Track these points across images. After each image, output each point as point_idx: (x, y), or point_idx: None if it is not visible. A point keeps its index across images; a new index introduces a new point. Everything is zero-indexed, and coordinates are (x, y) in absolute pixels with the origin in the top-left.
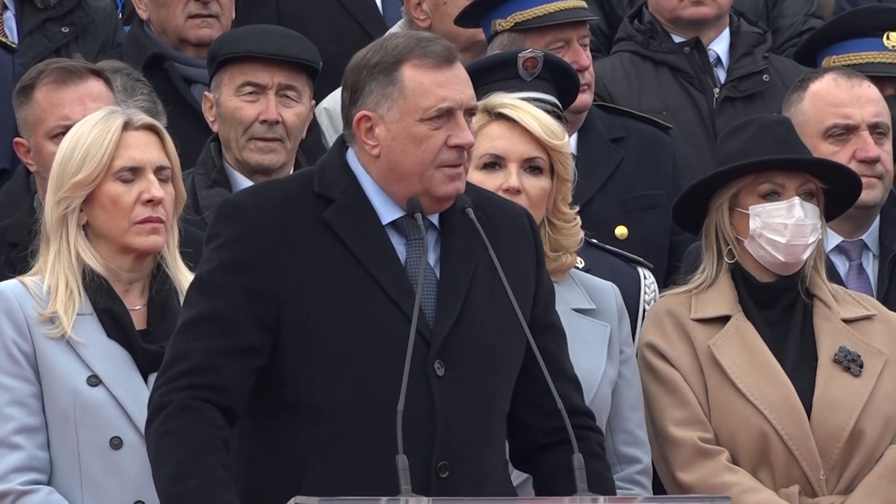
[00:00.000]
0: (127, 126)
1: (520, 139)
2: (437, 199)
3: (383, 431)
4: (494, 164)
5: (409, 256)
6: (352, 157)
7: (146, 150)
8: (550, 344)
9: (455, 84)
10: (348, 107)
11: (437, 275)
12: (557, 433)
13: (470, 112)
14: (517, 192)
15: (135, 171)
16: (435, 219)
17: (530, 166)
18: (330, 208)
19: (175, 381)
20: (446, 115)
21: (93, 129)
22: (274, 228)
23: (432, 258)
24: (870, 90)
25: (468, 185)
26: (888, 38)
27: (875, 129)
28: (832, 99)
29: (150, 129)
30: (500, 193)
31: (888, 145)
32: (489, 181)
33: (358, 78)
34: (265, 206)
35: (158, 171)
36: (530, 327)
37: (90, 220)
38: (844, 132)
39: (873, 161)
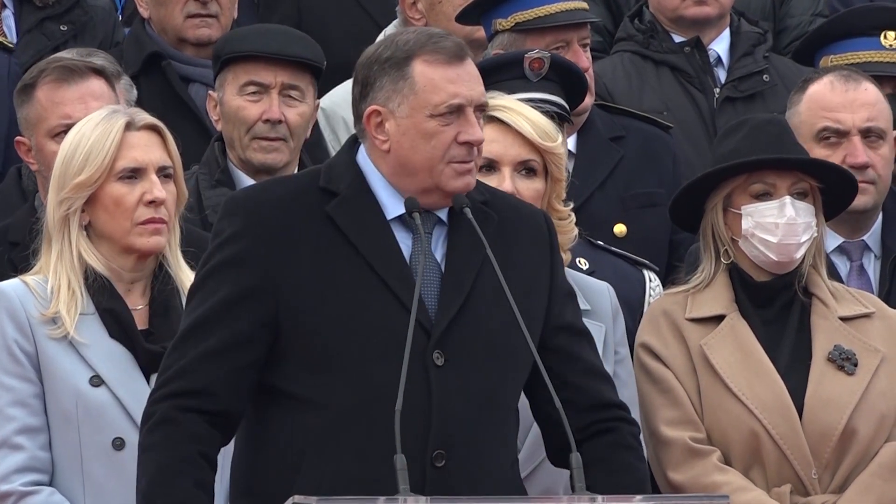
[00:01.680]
0: (129, 126)
1: (513, 142)
2: (447, 195)
3: (381, 424)
4: (488, 167)
5: (415, 250)
6: (362, 153)
7: (148, 150)
8: (569, 344)
9: (466, 80)
10: (359, 101)
11: (443, 268)
12: (592, 427)
13: (480, 108)
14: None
15: (137, 172)
16: (444, 214)
17: (524, 169)
18: (333, 202)
19: (161, 388)
20: (456, 111)
21: (95, 129)
22: (274, 223)
23: (439, 253)
24: (866, 94)
25: (484, 185)
26: (885, 36)
27: (867, 134)
28: (825, 103)
29: (153, 128)
30: None
31: (884, 149)
32: None
33: (369, 73)
34: (267, 201)
35: (160, 170)
36: (547, 327)
37: (92, 220)
38: (835, 136)
39: (862, 167)
